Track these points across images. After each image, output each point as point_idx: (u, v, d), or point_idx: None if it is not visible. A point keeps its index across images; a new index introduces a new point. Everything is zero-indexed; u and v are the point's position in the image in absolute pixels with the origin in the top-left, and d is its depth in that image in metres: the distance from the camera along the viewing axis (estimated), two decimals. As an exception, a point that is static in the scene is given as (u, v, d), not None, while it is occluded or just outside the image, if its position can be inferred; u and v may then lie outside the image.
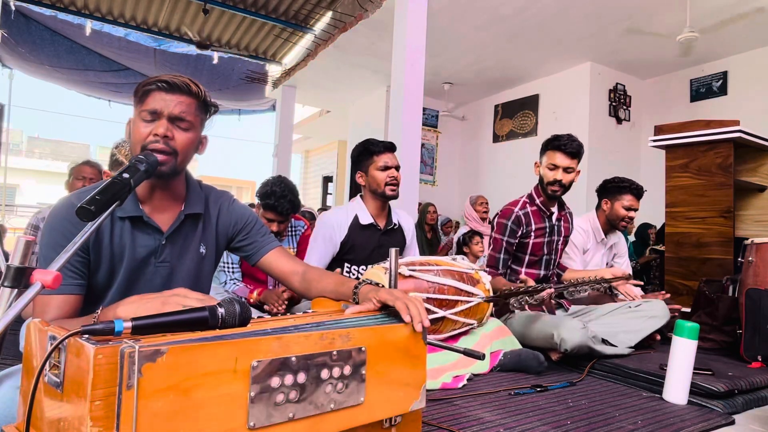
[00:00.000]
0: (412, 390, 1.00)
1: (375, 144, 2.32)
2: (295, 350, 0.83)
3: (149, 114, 1.11)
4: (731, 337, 2.41)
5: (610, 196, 2.78)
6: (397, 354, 0.98)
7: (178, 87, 1.12)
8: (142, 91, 1.12)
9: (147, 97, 1.11)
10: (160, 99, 1.11)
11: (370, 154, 2.31)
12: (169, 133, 1.11)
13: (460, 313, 1.91)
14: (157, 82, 1.11)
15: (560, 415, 1.50)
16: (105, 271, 1.14)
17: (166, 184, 1.18)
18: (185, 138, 1.14)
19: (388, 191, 2.28)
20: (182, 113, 1.12)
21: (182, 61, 6.67)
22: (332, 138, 10.30)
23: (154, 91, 1.11)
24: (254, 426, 0.77)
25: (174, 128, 1.12)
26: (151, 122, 1.11)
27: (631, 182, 2.76)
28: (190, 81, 1.15)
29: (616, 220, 2.76)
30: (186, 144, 1.14)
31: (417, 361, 1.01)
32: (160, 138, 1.10)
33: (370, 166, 2.30)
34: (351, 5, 4.95)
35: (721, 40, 4.88)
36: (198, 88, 1.15)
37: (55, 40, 6.03)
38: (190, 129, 1.15)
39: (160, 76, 1.12)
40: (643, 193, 2.81)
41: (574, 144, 2.35)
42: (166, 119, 1.11)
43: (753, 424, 1.57)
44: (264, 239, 1.36)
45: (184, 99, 1.13)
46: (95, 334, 0.71)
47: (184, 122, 1.13)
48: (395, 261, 1.21)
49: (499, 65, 5.88)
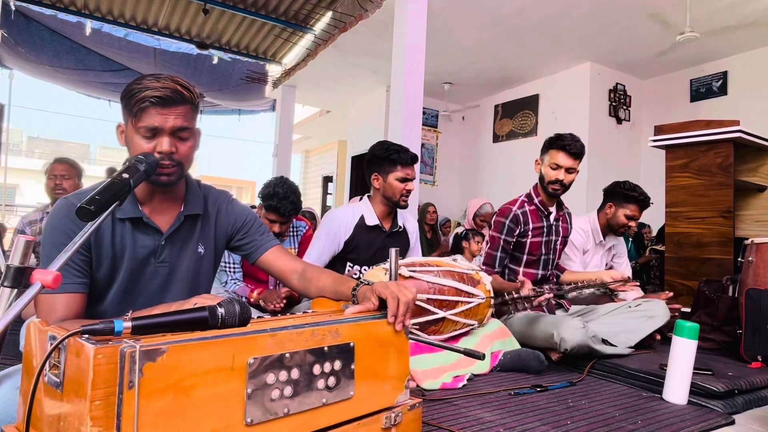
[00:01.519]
0: (397, 383, 1.04)
1: (400, 153, 2.27)
2: (289, 347, 0.85)
3: (148, 131, 1.08)
4: (731, 337, 2.41)
5: (616, 201, 2.75)
6: (383, 348, 1.02)
7: (174, 100, 1.08)
8: (136, 108, 1.06)
9: (143, 113, 1.06)
10: (157, 115, 1.07)
11: (394, 162, 2.26)
12: (173, 149, 1.10)
13: (461, 314, 1.91)
14: (151, 98, 1.05)
15: (560, 415, 1.50)
16: (106, 271, 1.14)
17: (165, 187, 1.18)
18: (187, 147, 1.13)
19: (402, 201, 2.29)
20: (182, 125, 1.10)
21: (182, 61, 6.66)
22: (332, 138, 10.29)
23: (148, 108, 1.06)
24: (251, 422, 0.79)
25: (176, 141, 1.11)
26: (152, 139, 1.09)
27: (640, 192, 2.73)
28: (182, 87, 1.10)
29: (615, 225, 2.76)
30: (189, 152, 1.14)
31: (400, 355, 1.05)
32: (165, 155, 1.09)
33: (390, 173, 2.27)
34: (351, 5, 4.94)
35: (721, 40, 4.88)
36: (191, 93, 1.11)
37: (55, 40, 6.02)
38: (190, 136, 1.14)
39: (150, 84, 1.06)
40: (650, 205, 2.79)
41: (578, 144, 2.35)
42: (167, 135, 1.09)
43: (753, 424, 1.57)
44: (263, 238, 1.36)
45: (181, 110, 1.09)
46: (95, 334, 0.71)
47: (185, 132, 1.12)
48: (395, 261, 1.21)
49: (499, 65, 5.88)
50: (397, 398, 1.03)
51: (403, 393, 1.04)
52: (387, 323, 1.03)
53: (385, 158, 2.28)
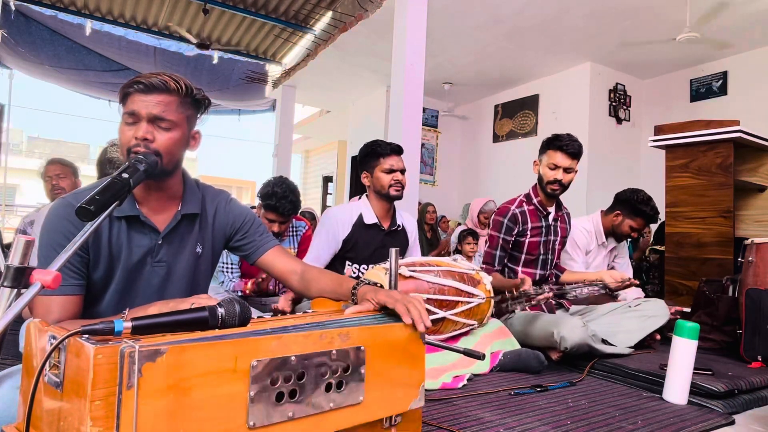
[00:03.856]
0: (410, 389, 1.00)
1: (382, 146, 2.33)
2: (295, 350, 0.83)
3: (129, 116, 1.10)
4: (731, 337, 2.41)
5: (626, 211, 2.73)
6: (396, 353, 0.98)
7: (155, 87, 1.09)
8: (122, 93, 1.11)
9: (127, 99, 1.10)
10: (139, 100, 1.09)
11: (377, 155, 2.31)
12: (149, 136, 1.09)
13: (461, 314, 1.90)
14: (135, 84, 1.09)
15: (560, 415, 1.50)
16: (103, 271, 1.14)
17: (161, 184, 1.17)
18: (167, 138, 1.12)
19: (392, 192, 2.30)
20: (162, 113, 1.10)
21: (182, 61, 6.67)
22: (332, 138, 10.29)
23: (133, 94, 1.10)
24: (254, 425, 0.78)
25: (155, 129, 1.11)
26: (133, 125, 1.10)
27: (652, 207, 2.70)
28: (170, 78, 1.11)
29: (619, 233, 2.76)
30: (168, 144, 1.12)
31: (415, 360, 1.01)
32: (140, 141, 1.09)
33: (376, 168, 2.31)
34: (351, 5, 4.95)
35: (721, 40, 4.88)
36: (178, 85, 1.12)
37: (55, 40, 6.03)
38: (172, 128, 1.13)
39: (139, 76, 1.11)
40: (657, 221, 2.77)
41: (575, 144, 2.36)
42: (145, 121, 1.09)
43: (753, 424, 1.57)
44: (262, 238, 1.36)
45: (162, 98, 1.10)
46: (95, 334, 0.71)
47: (164, 122, 1.11)
48: (395, 261, 1.20)
49: (499, 65, 5.88)
50: (410, 404, 0.99)
51: (417, 399, 1.00)
52: (401, 327, 0.99)
53: (368, 154, 2.34)
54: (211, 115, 9.43)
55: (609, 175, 5.48)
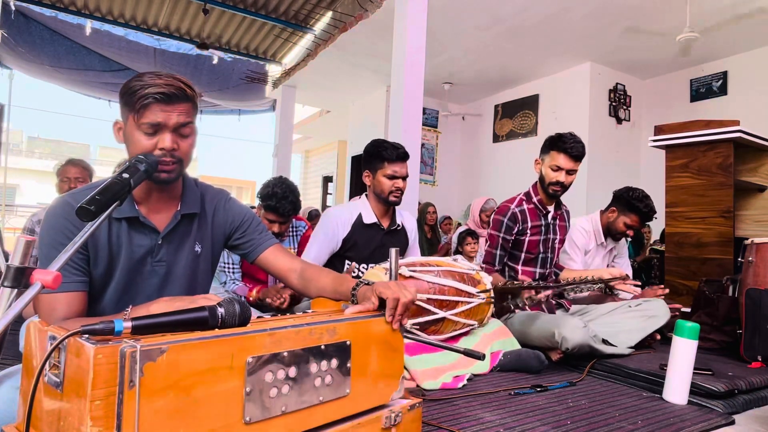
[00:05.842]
0: (391, 380, 1.05)
1: (389, 150, 2.28)
2: (287, 345, 0.86)
3: (150, 127, 1.08)
4: (731, 337, 2.41)
5: (620, 207, 2.74)
6: (378, 347, 1.03)
7: (177, 96, 1.08)
8: (139, 104, 1.06)
9: (145, 110, 1.06)
10: (160, 111, 1.07)
11: (382, 159, 2.28)
12: (175, 145, 1.10)
13: (461, 314, 1.90)
14: (155, 95, 1.05)
15: (560, 415, 1.50)
16: (102, 270, 1.14)
17: (162, 185, 1.17)
18: (188, 143, 1.14)
19: (391, 198, 2.29)
20: (185, 121, 1.11)
21: (182, 61, 6.66)
22: (332, 138, 10.29)
23: (153, 104, 1.06)
24: (250, 420, 0.79)
25: (177, 137, 1.11)
26: (153, 135, 1.09)
27: (646, 205, 2.69)
28: (184, 85, 1.10)
29: (614, 230, 2.76)
30: (189, 150, 1.15)
31: (395, 353, 1.06)
32: (167, 152, 1.09)
33: (379, 170, 2.29)
34: (351, 5, 4.95)
35: (721, 40, 4.88)
36: (192, 91, 1.12)
37: (55, 40, 6.02)
38: (191, 134, 1.14)
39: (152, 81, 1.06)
40: (653, 219, 2.76)
41: (579, 147, 2.35)
42: (170, 132, 1.09)
43: (753, 424, 1.57)
44: (261, 237, 1.36)
45: (183, 107, 1.10)
46: (95, 333, 0.71)
47: (186, 128, 1.12)
48: (395, 261, 1.21)
49: (499, 65, 5.88)
50: (391, 395, 1.04)
51: (398, 390, 1.06)
52: (383, 322, 1.04)
53: (375, 155, 2.30)
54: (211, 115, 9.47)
55: (609, 175, 5.48)
